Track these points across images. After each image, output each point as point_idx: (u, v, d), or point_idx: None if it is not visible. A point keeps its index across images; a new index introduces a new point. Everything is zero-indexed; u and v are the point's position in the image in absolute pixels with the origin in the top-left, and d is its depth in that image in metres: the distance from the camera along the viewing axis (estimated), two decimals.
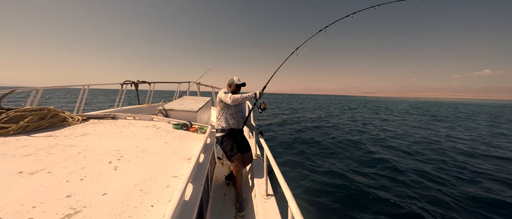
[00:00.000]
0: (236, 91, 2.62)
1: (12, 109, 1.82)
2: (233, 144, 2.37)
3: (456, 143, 9.24)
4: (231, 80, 2.64)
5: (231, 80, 2.65)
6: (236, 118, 2.53)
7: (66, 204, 0.80)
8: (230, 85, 2.64)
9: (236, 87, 2.61)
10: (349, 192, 4.48)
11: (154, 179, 1.07)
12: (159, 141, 1.73)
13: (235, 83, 2.60)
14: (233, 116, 2.50)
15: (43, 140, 1.52)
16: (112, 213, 0.78)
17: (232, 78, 2.65)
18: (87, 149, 1.39)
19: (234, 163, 2.31)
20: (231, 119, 2.49)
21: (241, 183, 2.32)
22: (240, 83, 2.61)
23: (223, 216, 2.13)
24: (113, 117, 2.59)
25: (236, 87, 2.61)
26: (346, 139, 9.48)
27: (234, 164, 2.31)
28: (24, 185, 0.91)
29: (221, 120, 2.51)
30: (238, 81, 2.61)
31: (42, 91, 3.32)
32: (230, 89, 2.62)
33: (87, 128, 1.96)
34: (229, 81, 2.66)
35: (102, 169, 1.11)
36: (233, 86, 2.61)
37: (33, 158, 1.18)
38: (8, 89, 2.59)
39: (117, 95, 5.07)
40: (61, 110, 2.19)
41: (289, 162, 6.24)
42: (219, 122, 2.52)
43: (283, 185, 1.18)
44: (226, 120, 2.49)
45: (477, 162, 6.61)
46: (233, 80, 2.62)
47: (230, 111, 2.49)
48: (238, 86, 2.62)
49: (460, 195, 4.43)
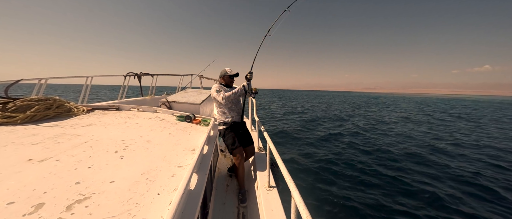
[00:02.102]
0: (229, 83, 2.59)
1: (19, 99, 1.84)
2: (235, 138, 2.38)
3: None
4: (224, 71, 2.56)
5: (223, 71, 2.57)
6: (235, 110, 2.52)
7: (76, 191, 0.82)
8: (222, 76, 2.57)
9: (229, 78, 2.56)
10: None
11: (159, 168, 1.09)
12: (163, 132, 1.75)
13: (228, 74, 2.53)
14: (232, 109, 2.49)
15: (50, 129, 1.55)
16: (120, 199, 0.80)
17: (224, 69, 2.57)
18: (93, 138, 1.42)
19: (236, 156, 2.33)
20: (231, 112, 2.48)
21: (243, 175, 2.35)
22: (233, 73, 2.53)
23: (226, 206, 2.18)
24: (117, 108, 2.61)
25: (229, 78, 2.56)
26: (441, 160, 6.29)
27: (236, 157, 2.33)
28: (34, 171, 0.93)
29: (221, 114, 2.50)
30: (231, 71, 2.54)
31: (46, 82, 3.34)
32: (223, 81, 2.58)
33: (92, 119, 1.98)
34: (221, 73, 2.58)
35: (109, 158, 1.14)
36: (227, 78, 2.56)
37: (42, 147, 1.20)
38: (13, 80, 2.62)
39: (118, 92, 5.08)
40: (66, 101, 2.21)
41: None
42: (220, 116, 2.51)
43: (287, 176, 1.20)
44: (226, 114, 2.48)
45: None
46: (225, 71, 2.55)
47: (228, 104, 2.46)
48: (231, 77, 2.56)
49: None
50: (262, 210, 1.72)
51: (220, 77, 2.61)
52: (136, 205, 0.78)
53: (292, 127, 11.12)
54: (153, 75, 5.91)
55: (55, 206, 0.72)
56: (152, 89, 5.98)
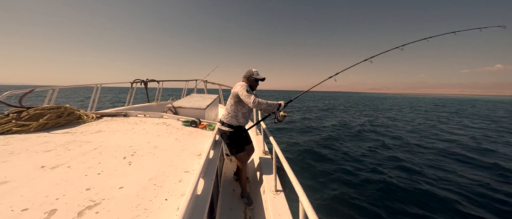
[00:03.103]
0: (253, 85, 2.36)
1: (32, 107, 1.91)
2: (240, 141, 2.35)
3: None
4: (250, 72, 2.34)
5: (249, 71, 2.34)
6: (247, 118, 2.40)
7: (86, 197, 0.84)
8: (248, 77, 2.33)
9: (255, 81, 2.34)
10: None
11: (166, 174, 1.10)
12: (169, 138, 1.77)
13: (254, 76, 2.30)
14: (245, 116, 2.34)
15: (62, 136, 1.59)
16: (129, 205, 0.81)
17: (251, 70, 2.35)
18: (102, 145, 1.45)
19: (241, 159, 2.31)
20: (242, 118, 2.33)
21: (245, 178, 2.33)
22: (260, 77, 2.32)
23: (232, 211, 2.17)
24: (124, 114, 2.67)
25: (255, 81, 2.35)
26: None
27: (241, 161, 2.31)
28: (46, 178, 0.96)
29: (232, 116, 2.28)
30: (258, 75, 2.32)
31: (58, 90, 3.45)
32: (248, 82, 2.34)
33: (101, 125, 2.03)
34: (247, 73, 2.35)
35: (117, 164, 1.16)
36: (252, 80, 2.32)
37: (53, 154, 1.24)
38: (27, 88, 2.72)
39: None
40: (76, 108, 2.28)
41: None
42: (229, 117, 2.29)
43: (294, 180, 1.18)
44: (237, 117, 2.29)
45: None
46: (252, 72, 2.33)
47: (244, 109, 2.30)
48: (257, 81, 2.35)
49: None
50: (269, 214, 1.70)
51: (245, 77, 2.36)
52: (144, 210, 0.79)
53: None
54: (159, 81, 6.01)
55: (66, 212, 0.74)
56: (158, 94, 6.09)
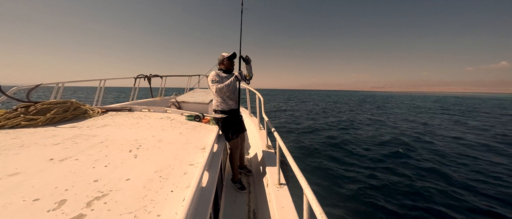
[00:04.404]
0: (230, 66, 2.49)
1: (39, 102, 1.95)
2: (234, 127, 2.41)
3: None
4: (221, 56, 2.45)
5: (221, 56, 2.46)
6: (234, 99, 2.46)
7: (95, 188, 0.86)
8: (222, 62, 2.46)
9: (228, 60, 2.45)
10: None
11: (172, 166, 1.12)
12: (174, 132, 1.78)
13: (226, 58, 2.43)
14: (231, 98, 2.44)
15: (69, 130, 1.62)
16: (136, 196, 0.83)
17: (221, 54, 2.46)
18: (108, 138, 1.47)
19: (235, 145, 2.41)
20: (230, 100, 2.43)
21: (237, 164, 2.47)
22: (230, 54, 2.43)
23: (236, 204, 2.20)
24: (129, 109, 2.70)
25: (229, 61, 2.46)
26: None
27: (233, 146, 2.41)
28: (55, 170, 0.98)
29: (220, 102, 2.42)
30: (227, 54, 2.44)
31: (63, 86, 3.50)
32: (224, 66, 2.47)
33: (107, 120, 2.06)
34: (219, 59, 2.47)
35: (123, 157, 1.18)
36: (226, 62, 2.45)
37: (61, 147, 1.27)
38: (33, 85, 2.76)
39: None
40: (82, 103, 2.31)
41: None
42: (218, 104, 2.43)
43: (298, 173, 1.19)
44: (225, 101, 2.41)
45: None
46: (223, 56, 2.44)
47: (227, 93, 2.38)
48: (230, 60, 2.45)
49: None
50: (272, 207, 1.72)
51: (219, 64, 2.48)
52: (151, 201, 0.81)
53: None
54: (162, 77, 6.04)
55: (76, 202, 0.76)
56: (161, 90, 6.12)
